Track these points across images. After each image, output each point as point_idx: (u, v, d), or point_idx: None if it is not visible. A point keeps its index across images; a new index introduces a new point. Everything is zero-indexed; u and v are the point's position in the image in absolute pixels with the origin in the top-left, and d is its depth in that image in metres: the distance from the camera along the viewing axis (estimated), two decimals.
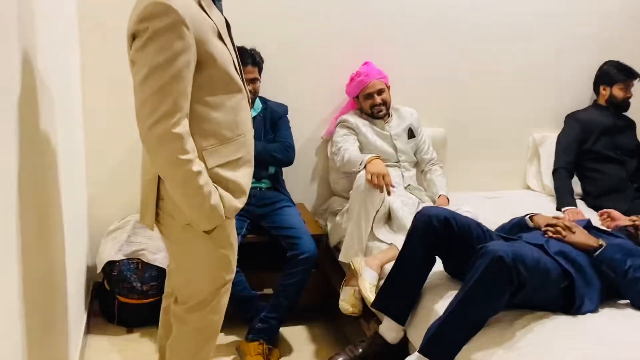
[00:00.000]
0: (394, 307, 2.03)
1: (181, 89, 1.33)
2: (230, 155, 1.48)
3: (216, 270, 1.55)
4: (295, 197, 2.83)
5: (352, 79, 2.78)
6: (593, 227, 2.25)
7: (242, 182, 1.52)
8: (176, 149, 1.33)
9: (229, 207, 1.47)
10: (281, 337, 2.50)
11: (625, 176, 3.03)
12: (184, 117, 1.35)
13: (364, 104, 2.75)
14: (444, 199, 2.70)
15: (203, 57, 1.38)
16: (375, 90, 2.71)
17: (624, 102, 3.14)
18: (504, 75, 3.17)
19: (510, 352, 1.65)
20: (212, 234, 1.47)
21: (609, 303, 1.95)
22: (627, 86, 3.11)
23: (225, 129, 1.46)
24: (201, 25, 1.37)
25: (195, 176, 1.36)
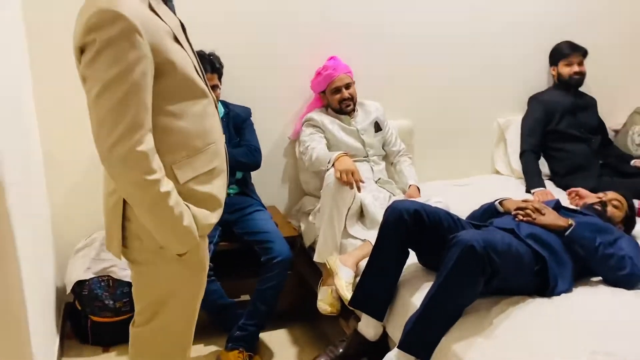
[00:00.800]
0: (371, 303, 2.01)
1: (141, 103, 1.22)
2: (204, 167, 1.38)
3: (188, 296, 1.47)
4: (266, 199, 2.79)
5: (319, 74, 2.74)
6: (562, 207, 2.28)
7: (217, 194, 1.42)
8: (142, 169, 1.22)
9: (203, 225, 1.37)
10: (261, 343, 2.47)
11: (590, 153, 3.07)
12: (147, 132, 1.23)
13: (331, 99, 2.72)
14: (414, 189, 2.70)
15: (161, 65, 1.27)
16: (343, 84, 2.69)
17: (572, 79, 3.15)
18: (465, 63, 3.18)
19: (489, 340, 1.65)
20: (185, 256, 1.38)
21: (582, 281, 1.98)
22: (571, 62, 3.14)
23: (195, 138, 1.35)
24: (155, 30, 1.26)
25: (165, 197, 1.26)
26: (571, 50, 3.14)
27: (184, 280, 1.44)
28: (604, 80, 3.40)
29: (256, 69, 2.80)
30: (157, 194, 1.25)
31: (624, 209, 2.32)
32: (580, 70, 3.15)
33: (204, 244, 1.47)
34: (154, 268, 1.41)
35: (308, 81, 2.83)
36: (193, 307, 1.50)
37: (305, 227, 2.70)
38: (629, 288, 1.92)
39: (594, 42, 3.27)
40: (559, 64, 3.18)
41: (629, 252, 1.99)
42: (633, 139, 3.24)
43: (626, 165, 3.08)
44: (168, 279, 1.42)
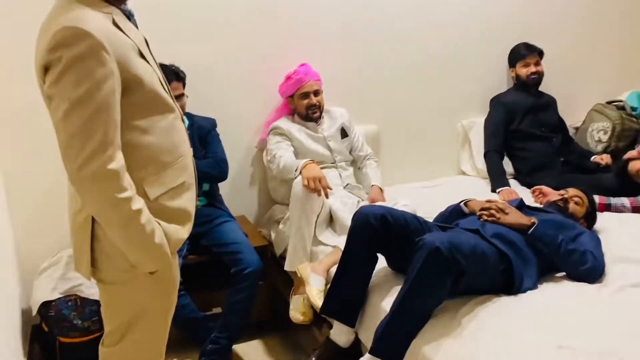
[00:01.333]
0: (342, 310, 2.02)
1: (109, 120, 1.20)
2: (173, 182, 1.37)
3: (160, 313, 1.45)
4: (235, 210, 2.78)
5: (289, 78, 2.75)
6: (525, 206, 2.33)
7: (188, 207, 1.42)
8: (112, 187, 1.21)
9: (175, 241, 1.37)
10: (235, 355, 2.45)
11: (552, 152, 3.14)
12: (117, 150, 1.22)
13: (299, 104, 2.73)
14: (376, 189, 2.72)
15: (128, 81, 1.26)
16: (312, 90, 2.70)
17: (530, 79, 3.22)
18: (428, 67, 3.22)
19: (458, 341, 1.67)
20: (157, 274, 1.37)
21: (547, 278, 2.03)
22: (528, 62, 3.21)
23: (164, 153, 1.35)
24: (121, 46, 1.26)
25: (137, 215, 1.25)
26: (527, 51, 3.22)
27: (155, 298, 1.43)
28: (563, 79, 3.49)
29: (220, 79, 2.78)
30: (129, 212, 1.24)
31: (585, 205, 2.38)
32: (537, 70, 3.22)
33: (175, 260, 1.46)
34: (125, 287, 1.39)
35: (273, 89, 2.83)
36: (164, 324, 1.49)
37: (275, 236, 2.69)
38: (591, 282, 1.97)
39: (551, 42, 3.36)
40: (516, 65, 3.26)
41: (590, 247, 2.04)
42: (592, 136, 3.33)
43: (587, 162, 3.16)
44: (139, 297, 1.40)
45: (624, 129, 3.25)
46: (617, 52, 3.66)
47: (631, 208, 2.71)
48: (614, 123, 3.25)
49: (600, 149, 3.28)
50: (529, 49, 3.22)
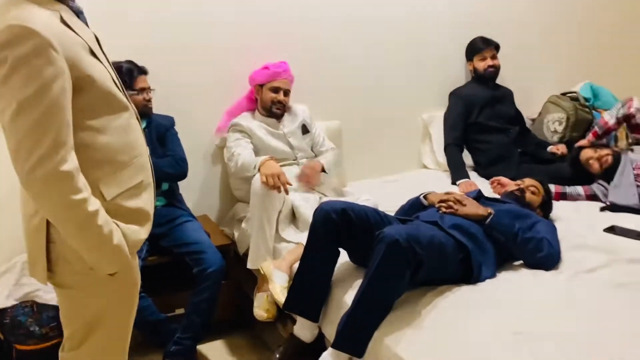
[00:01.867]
0: (305, 305, 2.02)
1: (61, 120, 1.17)
2: (130, 181, 1.34)
3: (120, 316, 1.42)
4: (197, 209, 2.75)
5: (267, 67, 2.72)
6: (483, 197, 2.37)
7: (146, 207, 1.38)
8: (67, 189, 1.17)
9: (134, 242, 1.33)
10: (200, 355, 2.43)
11: (509, 143, 3.21)
12: (70, 150, 1.19)
13: (266, 96, 2.70)
14: (316, 163, 2.62)
15: (79, 80, 1.22)
16: (284, 88, 2.70)
17: (487, 72, 3.27)
18: (387, 62, 3.24)
19: (419, 331, 1.70)
20: (116, 276, 1.33)
21: (504, 266, 2.07)
22: (484, 56, 3.27)
23: (119, 153, 1.32)
24: (70, 44, 1.22)
25: (93, 217, 1.21)
26: (484, 45, 3.28)
27: (115, 300, 1.40)
28: (519, 72, 3.56)
29: (178, 76, 2.74)
30: (85, 214, 1.21)
31: (541, 194, 2.44)
32: (494, 64, 3.28)
33: (135, 262, 1.43)
34: (84, 290, 1.36)
35: (232, 86, 2.80)
36: (126, 327, 1.46)
37: (238, 235, 2.67)
38: (548, 269, 2.02)
39: (508, 36, 3.42)
40: (474, 59, 3.31)
41: (546, 234, 2.10)
42: (548, 127, 3.41)
43: (543, 152, 3.24)
44: (99, 300, 1.37)
45: (578, 119, 3.34)
46: (571, 45, 3.76)
47: (586, 196, 2.80)
48: (568, 114, 3.34)
49: (556, 140, 3.36)
50: (485, 43, 3.28)
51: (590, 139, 3.03)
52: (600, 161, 2.77)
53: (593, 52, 3.84)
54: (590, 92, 3.54)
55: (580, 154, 2.85)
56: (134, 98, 2.39)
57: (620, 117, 2.85)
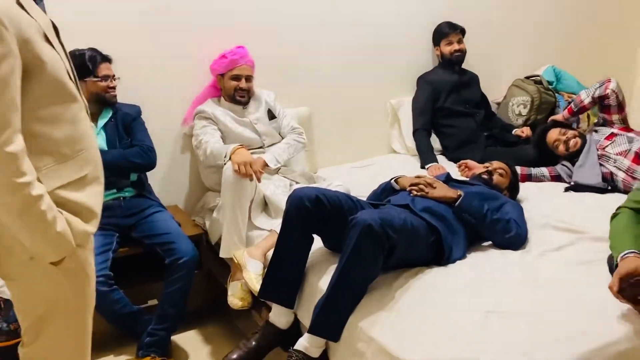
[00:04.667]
0: (280, 292, 2.02)
1: (8, 101, 1.13)
2: (73, 175, 1.30)
3: (73, 308, 1.38)
4: (166, 199, 2.72)
5: (224, 56, 2.68)
6: (452, 180, 2.41)
7: (90, 203, 1.34)
8: (11, 171, 1.13)
9: (78, 232, 1.29)
10: (175, 346, 2.42)
11: (476, 127, 3.27)
12: (17, 132, 1.14)
13: (228, 85, 2.67)
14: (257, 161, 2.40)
15: (30, 63, 1.18)
16: (245, 74, 2.66)
17: (453, 57, 3.31)
18: (355, 48, 3.24)
19: (392, 313, 1.72)
20: (62, 265, 1.29)
21: (474, 247, 2.11)
22: (451, 41, 3.31)
23: (63, 145, 1.28)
24: (24, 26, 1.17)
25: (36, 201, 1.17)
26: (450, 30, 3.31)
27: (64, 291, 1.35)
28: (484, 56, 3.61)
29: (144, 64, 2.68)
30: (28, 198, 1.16)
31: (509, 176, 2.49)
32: (460, 48, 3.32)
33: (86, 254, 1.38)
34: (29, 282, 1.32)
35: (201, 73, 2.77)
36: (82, 319, 1.42)
37: (210, 224, 2.65)
38: (516, 248, 2.08)
39: (473, 20, 3.46)
40: (440, 44, 3.35)
41: (513, 215, 2.15)
42: (513, 110, 3.48)
43: (509, 135, 3.31)
44: (47, 292, 1.33)
45: (542, 102, 3.41)
46: (534, 29, 3.83)
47: (550, 177, 2.88)
48: (532, 97, 3.41)
49: (520, 122, 3.43)
50: (451, 27, 3.31)
51: (566, 115, 3.08)
52: (567, 144, 2.83)
53: (556, 36, 3.92)
54: (553, 76, 3.62)
55: (547, 135, 2.92)
56: (96, 85, 2.34)
57: (596, 96, 2.91)
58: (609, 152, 2.71)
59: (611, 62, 4.11)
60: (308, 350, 1.80)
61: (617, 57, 4.20)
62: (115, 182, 2.39)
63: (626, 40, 4.24)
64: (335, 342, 1.78)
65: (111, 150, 2.39)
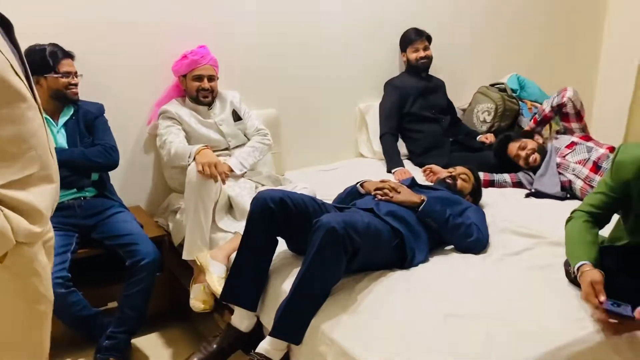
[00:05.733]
0: (243, 295, 2.01)
1: None
2: (15, 174, 1.25)
3: (21, 311, 1.32)
4: (129, 200, 2.67)
5: (185, 57, 2.64)
6: (417, 184, 2.44)
7: (36, 202, 1.28)
8: None
9: (19, 229, 1.24)
10: (135, 349, 2.37)
11: (441, 132, 3.31)
12: None
13: (190, 85, 2.64)
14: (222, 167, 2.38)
15: None
16: (207, 74, 2.63)
17: (419, 63, 3.36)
18: (326, 52, 3.25)
19: (355, 316, 1.73)
20: (5, 262, 1.24)
21: (436, 251, 2.14)
22: (417, 47, 3.35)
23: (8, 144, 1.23)
24: None
25: None
26: (416, 36, 3.35)
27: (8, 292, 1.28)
28: (451, 63, 3.67)
29: (107, 62, 2.63)
30: None
31: (472, 182, 2.54)
32: (426, 55, 3.37)
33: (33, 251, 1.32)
34: None
35: (166, 72, 2.73)
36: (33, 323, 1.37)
37: (173, 225, 2.61)
38: (477, 252, 2.11)
39: (439, 28, 3.51)
40: (407, 50, 3.39)
41: (475, 220, 2.18)
42: (478, 117, 3.54)
43: (473, 141, 3.36)
44: None
45: (506, 109, 3.48)
46: (499, 38, 3.92)
47: (512, 183, 2.94)
48: (496, 104, 3.47)
49: (484, 129, 3.49)
50: (417, 34, 3.36)
51: (532, 125, 3.18)
52: (527, 159, 2.88)
53: (520, 45, 4.02)
54: (517, 84, 3.70)
55: (507, 148, 2.96)
56: (56, 81, 2.29)
57: (554, 105, 2.99)
58: (568, 160, 2.78)
59: (573, 71, 4.24)
60: (269, 353, 1.79)
61: (579, 67, 4.33)
62: (75, 182, 2.34)
63: (588, 51, 4.38)
64: (297, 345, 1.78)
65: (72, 148, 2.33)
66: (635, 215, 1.74)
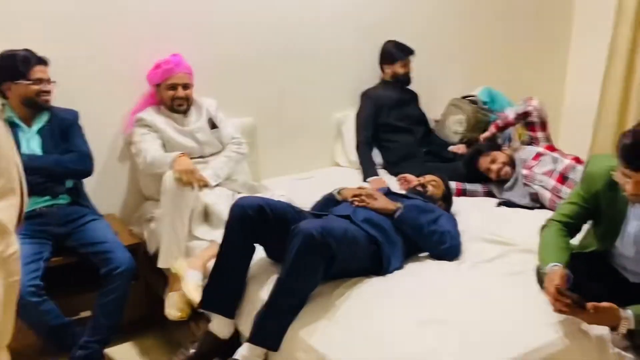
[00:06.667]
0: (221, 303, 2.01)
1: None
2: None
3: None
4: (104, 207, 2.64)
5: (159, 66, 2.64)
6: (392, 193, 2.48)
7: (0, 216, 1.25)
8: None
9: None
10: (108, 359, 2.33)
11: (414, 143, 3.37)
12: None
13: (165, 94, 2.64)
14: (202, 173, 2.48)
15: None
16: (181, 83, 2.63)
17: (406, 77, 3.45)
18: (303, 62, 3.27)
19: (332, 322, 1.75)
20: None
21: (411, 258, 2.18)
22: (406, 63, 3.44)
23: None
24: None
25: None
26: (399, 56, 3.38)
27: None
28: (424, 76, 3.73)
29: (81, 68, 2.61)
30: None
31: (441, 188, 2.58)
32: (406, 72, 3.43)
33: None
34: None
35: (141, 79, 2.72)
36: None
37: (148, 234, 2.59)
38: (450, 259, 2.15)
39: (414, 40, 3.58)
40: (395, 64, 3.40)
41: (448, 227, 2.23)
42: (450, 128, 3.61)
43: (446, 152, 3.42)
44: None
45: (477, 121, 3.55)
46: (471, 52, 4.01)
47: (483, 193, 3.01)
48: (468, 116, 3.55)
49: (456, 140, 3.55)
50: (400, 50, 3.38)
51: (493, 130, 3.24)
52: (498, 173, 2.94)
53: (491, 58, 4.12)
54: (488, 96, 3.79)
55: (479, 162, 3.00)
56: (27, 88, 2.26)
57: (520, 112, 3.07)
58: (535, 172, 2.84)
59: (541, 84, 4.37)
60: (247, 359, 1.79)
61: (547, 80, 4.46)
62: (49, 189, 2.31)
63: (555, 65, 4.51)
64: (275, 351, 1.79)
65: (46, 155, 2.31)
66: (605, 224, 1.81)
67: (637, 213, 1.72)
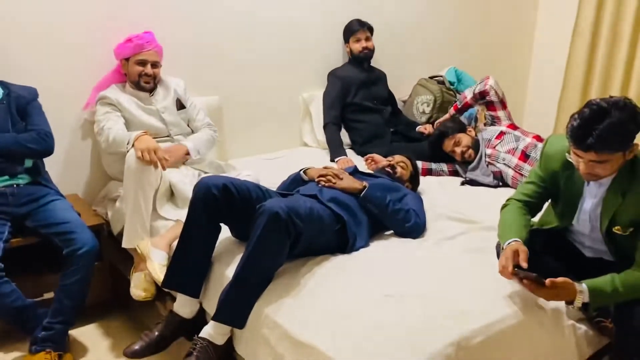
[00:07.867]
0: (185, 282, 2.00)
1: None
2: None
3: None
4: (65, 187, 2.58)
5: (130, 40, 2.57)
6: (358, 172, 2.49)
7: None
8: None
9: None
10: (72, 340, 2.31)
11: (382, 123, 3.39)
12: None
13: (132, 70, 2.58)
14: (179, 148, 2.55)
15: None
16: (151, 60, 2.58)
17: (361, 54, 3.40)
18: (269, 41, 3.25)
19: (298, 299, 1.76)
20: None
21: (377, 236, 2.20)
22: (359, 38, 3.40)
23: None
24: None
25: None
26: (358, 27, 3.41)
27: None
28: (392, 56, 3.76)
29: (42, 44, 2.53)
30: None
31: (410, 169, 2.62)
32: (367, 46, 3.42)
33: None
34: None
35: (104, 55, 2.65)
36: None
37: (112, 214, 2.55)
38: (415, 237, 2.19)
39: (382, 21, 3.58)
40: (350, 40, 3.43)
41: (413, 206, 2.26)
42: (417, 108, 3.65)
43: (413, 132, 3.46)
44: None
45: (444, 101, 3.60)
46: (438, 32, 4.04)
47: (449, 172, 3.06)
48: (435, 96, 3.59)
49: (424, 120, 3.60)
50: (359, 25, 3.41)
51: (452, 112, 3.29)
52: (462, 155, 2.99)
53: (457, 39, 4.16)
54: (455, 76, 3.83)
55: (443, 144, 3.04)
56: None
57: (476, 92, 3.11)
58: (498, 150, 2.90)
59: (507, 66, 4.44)
60: (213, 337, 1.80)
61: (513, 63, 4.53)
62: (7, 168, 2.24)
63: (521, 48, 4.58)
64: (241, 329, 1.80)
65: (3, 134, 2.23)
66: (563, 202, 1.86)
67: (591, 191, 1.77)
